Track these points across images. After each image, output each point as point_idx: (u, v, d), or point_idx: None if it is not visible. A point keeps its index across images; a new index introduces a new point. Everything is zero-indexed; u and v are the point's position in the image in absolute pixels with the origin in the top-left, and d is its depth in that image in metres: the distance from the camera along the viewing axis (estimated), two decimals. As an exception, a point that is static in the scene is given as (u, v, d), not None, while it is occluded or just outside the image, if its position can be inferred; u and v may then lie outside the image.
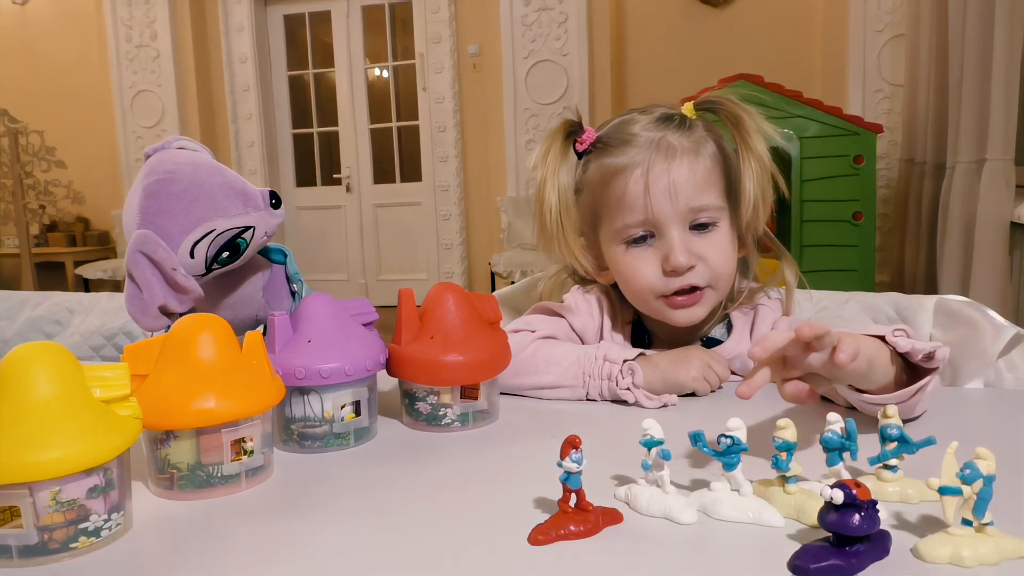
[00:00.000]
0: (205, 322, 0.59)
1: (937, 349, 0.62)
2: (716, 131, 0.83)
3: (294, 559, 0.47)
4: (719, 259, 0.80)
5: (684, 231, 0.80)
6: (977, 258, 2.46)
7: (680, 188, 0.78)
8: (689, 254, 0.79)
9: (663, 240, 0.80)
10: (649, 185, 0.78)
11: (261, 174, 5.47)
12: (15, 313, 1.26)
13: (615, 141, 0.82)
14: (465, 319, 0.72)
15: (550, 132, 0.85)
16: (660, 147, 0.79)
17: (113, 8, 5.43)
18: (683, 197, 0.78)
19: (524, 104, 4.87)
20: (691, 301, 0.80)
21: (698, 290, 0.80)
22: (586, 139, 0.84)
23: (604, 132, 0.84)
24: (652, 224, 0.80)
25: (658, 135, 0.80)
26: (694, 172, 0.79)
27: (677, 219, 0.79)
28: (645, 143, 0.80)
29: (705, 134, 0.82)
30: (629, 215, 0.80)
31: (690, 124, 0.81)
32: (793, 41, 4.56)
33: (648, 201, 0.79)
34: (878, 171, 3.54)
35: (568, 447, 0.48)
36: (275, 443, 0.66)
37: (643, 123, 0.81)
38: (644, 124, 0.81)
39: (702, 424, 0.53)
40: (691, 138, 0.80)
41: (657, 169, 0.78)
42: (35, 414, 0.47)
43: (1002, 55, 2.36)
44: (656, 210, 0.79)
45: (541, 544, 0.47)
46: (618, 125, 0.84)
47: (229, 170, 0.75)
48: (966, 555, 0.42)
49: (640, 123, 0.82)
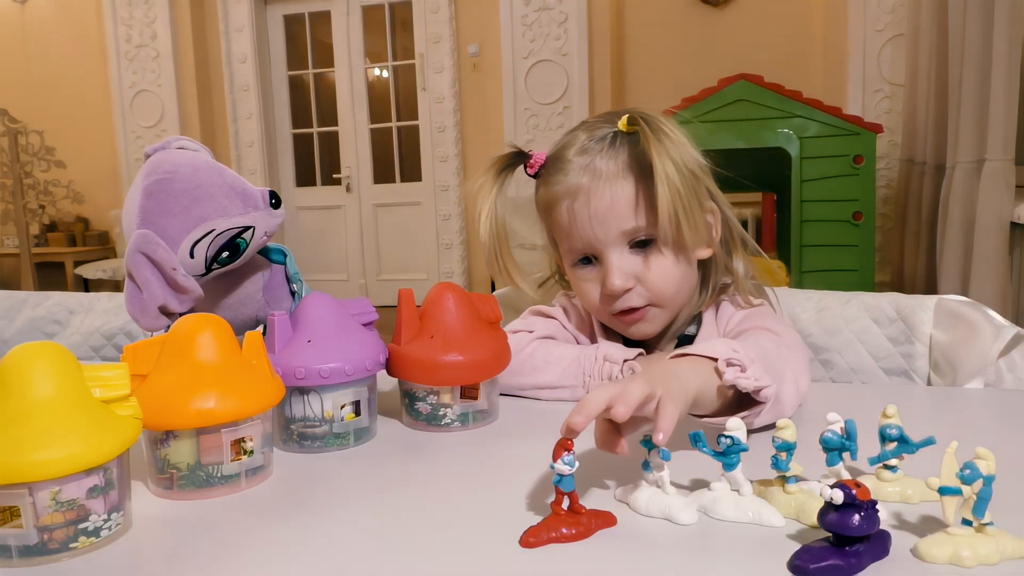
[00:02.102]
0: (205, 322, 0.59)
1: (764, 388, 0.61)
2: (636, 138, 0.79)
3: (294, 559, 0.47)
4: (657, 279, 0.79)
5: (623, 252, 0.79)
6: (977, 258, 2.46)
7: (604, 216, 0.78)
8: (625, 277, 0.78)
9: (603, 264, 0.80)
10: (576, 215, 0.79)
11: (261, 174, 5.47)
12: (15, 313, 1.26)
13: (554, 167, 0.82)
14: (465, 319, 0.72)
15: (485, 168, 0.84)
16: (586, 173, 0.79)
17: (113, 8, 5.43)
18: (611, 223, 0.78)
19: (524, 104, 4.86)
20: (636, 319, 0.81)
21: (638, 310, 0.80)
22: (535, 162, 0.84)
23: (551, 152, 0.85)
24: (590, 249, 0.80)
25: (586, 160, 0.79)
26: (617, 198, 0.77)
27: (611, 243, 0.79)
28: (576, 169, 0.79)
29: (629, 148, 0.79)
30: (569, 241, 0.82)
31: (620, 143, 0.80)
32: (793, 41, 4.56)
33: (578, 231, 0.79)
34: (878, 171, 3.53)
35: (560, 449, 0.47)
36: (275, 443, 0.66)
37: (577, 146, 0.81)
38: (577, 148, 0.81)
39: (702, 424, 0.53)
40: (617, 160, 0.79)
41: (581, 200, 0.79)
42: (35, 414, 0.47)
43: (1002, 55, 2.36)
44: (587, 239, 0.79)
45: (532, 546, 0.47)
46: (560, 147, 0.84)
47: (229, 170, 0.75)
48: (966, 555, 0.42)
49: (575, 146, 0.81)
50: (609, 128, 0.81)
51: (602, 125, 0.82)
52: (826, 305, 0.98)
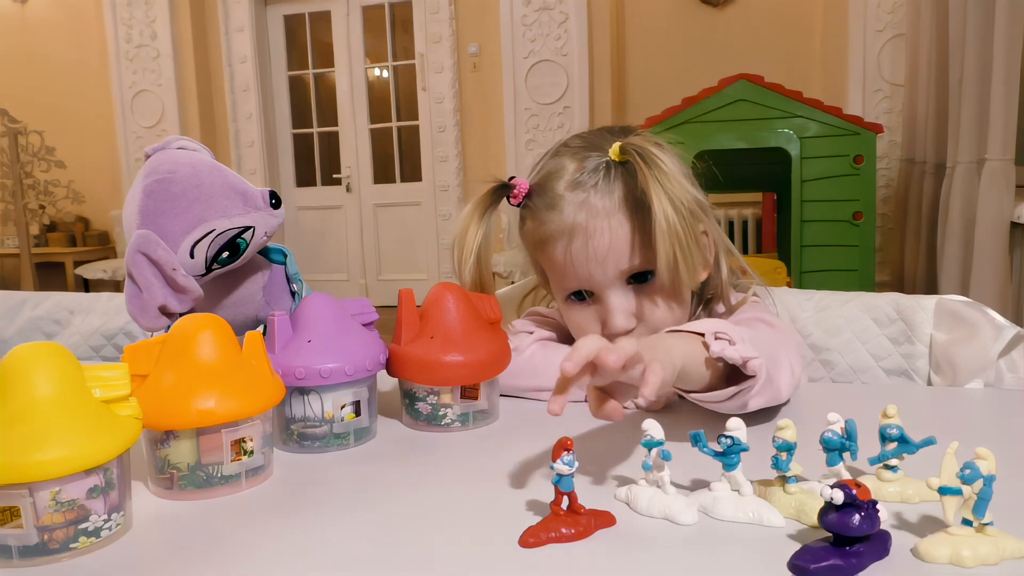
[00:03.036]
0: (205, 322, 0.59)
1: (751, 360, 0.61)
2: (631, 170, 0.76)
3: (294, 559, 0.47)
4: (658, 316, 0.78)
5: (621, 289, 0.77)
6: (977, 258, 2.46)
7: (605, 257, 0.75)
8: (628, 316, 0.76)
9: (602, 303, 0.78)
10: (574, 257, 0.76)
11: (261, 174, 5.47)
12: (15, 313, 1.26)
13: (543, 201, 0.78)
14: (465, 319, 0.72)
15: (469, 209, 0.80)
16: (581, 211, 0.75)
17: (113, 8, 5.43)
18: (610, 264, 0.75)
19: (524, 104, 4.86)
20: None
21: None
22: (519, 192, 0.80)
23: (535, 181, 0.80)
24: (586, 287, 0.78)
25: (580, 197, 0.75)
26: (616, 238, 0.75)
27: (610, 283, 0.76)
28: (569, 207, 0.76)
29: (623, 183, 0.76)
30: (563, 280, 0.79)
31: (614, 176, 0.76)
32: (793, 41, 4.56)
33: (574, 271, 0.77)
34: (878, 171, 3.53)
35: (560, 449, 0.47)
36: (275, 443, 0.66)
37: (567, 179, 0.77)
38: (568, 181, 0.77)
39: (702, 424, 0.53)
40: (614, 196, 0.75)
41: (578, 240, 0.75)
42: (35, 414, 0.47)
43: (1002, 55, 2.36)
44: (586, 279, 0.77)
45: (531, 547, 0.47)
46: (546, 176, 0.79)
47: (229, 170, 0.75)
48: (966, 555, 0.42)
49: (564, 178, 0.77)
50: (598, 157, 0.77)
51: (589, 153, 0.78)
52: (826, 305, 0.98)
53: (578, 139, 0.82)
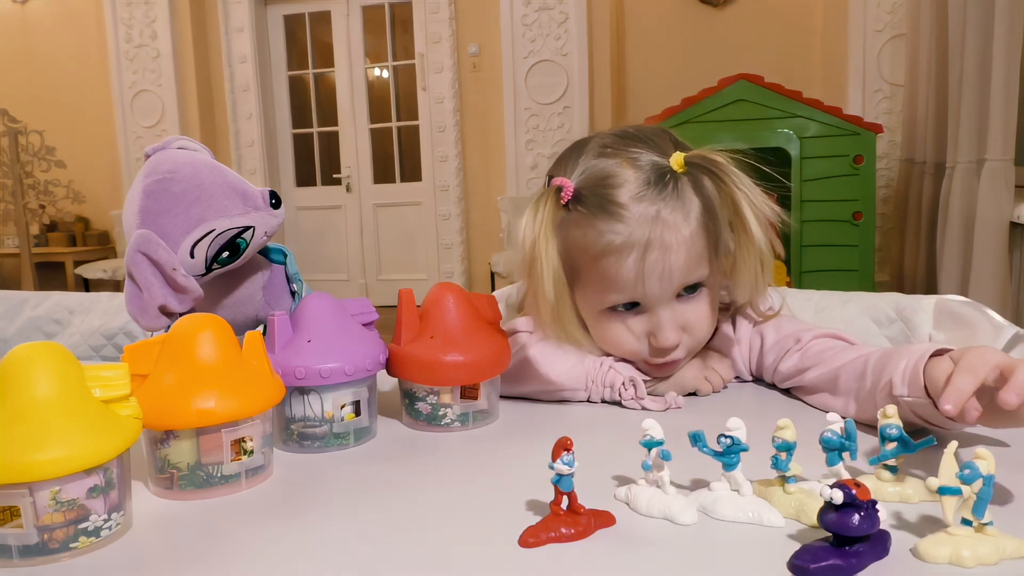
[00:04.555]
0: (205, 322, 0.59)
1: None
2: (700, 182, 0.74)
3: (294, 559, 0.47)
4: (704, 327, 0.77)
5: (674, 304, 0.75)
6: (977, 258, 2.46)
7: (675, 272, 0.73)
8: (677, 331, 0.75)
9: (650, 315, 0.75)
10: (645, 273, 0.72)
11: (261, 174, 5.47)
12: (15, 313, 1.26)
13: (602, 208, 0.72)
14: (465, 319, 0.72)
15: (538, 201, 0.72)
16: (655, 225, 0.71)
17: (113, 8, 5.43)
18: (677, 278, 0.73)
19: (524, 104, 4.86)
20: (671, 368, 0.79)
21: (679, 360, 0.78)
22: (566, 194, 0.73)
23: (585, 184, 0.73)
24: (640, 300, 0.75)
25: (651, 210, 0.71)
26: (690, 252, 0.72)
27: (668, 297, 0.75)
28: (638, 220, 0.71)
29: (693, 195, 0.73)
30: (615, 293, 0.75)
31: (683, 187, 0.73)
32: (793, 41, 4.56)
33: (641, 287, 0.73)
34: (878, 171, 3.53)
35: (560, 449, 0.47)
36: (275, 443, 0.66)
37: (631, 189, 0.71)
38: (633, 192, 0.71)
39: (702, 424, 0.53)
40: (683, 208, 0.72)
41: (653, 256, 0.71)
42: (35, 414, 0.47)
43: (1002, 55, 2.36)
44: (648, 294, 0.74)
45: (531, 546, 0.47)
46: (597, 181, 0.73)
47: (229, 170, 0.75)
48: (966, 555, 0.42)
49: (628, 188, 0.72)
50: (657, 166, 0.72)
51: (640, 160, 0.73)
52: (826, 305, 0.98)
53: (618, 140, 0.76)
